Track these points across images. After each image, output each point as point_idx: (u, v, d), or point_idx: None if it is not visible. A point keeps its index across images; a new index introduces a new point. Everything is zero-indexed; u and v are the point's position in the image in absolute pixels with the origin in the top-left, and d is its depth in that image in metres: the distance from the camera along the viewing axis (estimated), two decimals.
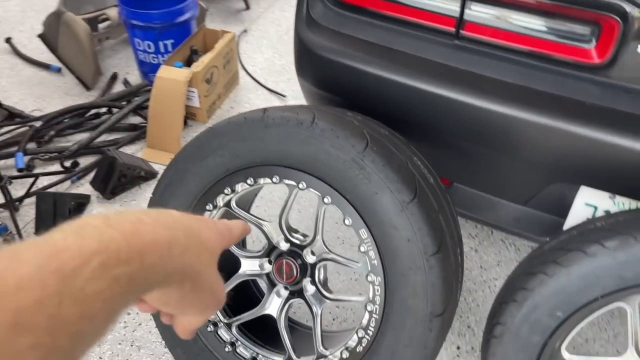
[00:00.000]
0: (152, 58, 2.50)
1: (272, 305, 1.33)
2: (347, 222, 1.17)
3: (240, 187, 1.27)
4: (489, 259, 1.89)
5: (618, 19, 1.10)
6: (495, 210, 1.43)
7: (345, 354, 1.22)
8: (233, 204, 1.30)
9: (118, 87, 2.63)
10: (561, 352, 1.20)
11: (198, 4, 2.55)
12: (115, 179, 2.02)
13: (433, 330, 1.13)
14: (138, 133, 2.32)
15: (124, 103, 2.42)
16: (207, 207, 1.30)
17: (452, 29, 1.26)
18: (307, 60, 1.42)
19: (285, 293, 1.32)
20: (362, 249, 1.17)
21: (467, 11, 1.24)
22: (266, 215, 1.94)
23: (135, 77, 2.69)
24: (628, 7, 1.08)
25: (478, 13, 1.23)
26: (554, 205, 1.33)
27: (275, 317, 1.33)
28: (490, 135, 1.27)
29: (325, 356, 1.26)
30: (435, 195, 1.19)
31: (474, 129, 1.27)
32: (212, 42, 2.51)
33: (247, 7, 3.20)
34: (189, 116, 2.40)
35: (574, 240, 1.14)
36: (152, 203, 1.34)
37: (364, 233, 1.15)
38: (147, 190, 2.11)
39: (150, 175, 2.13)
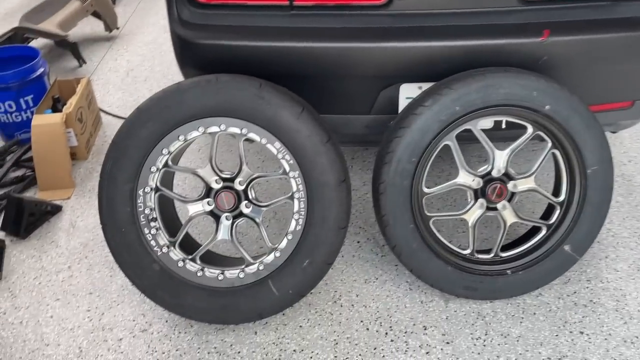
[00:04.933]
0: (15, 116, 2.67)
1: (222, 232, 1.72)
2: (263, 141, 1.63)
3: (174, 147, 1.65)
4: (356, 183, 2.46)
5: None
6: (350, 125, 1.98)
7: (290, 236, 1.67)
8: (170, 162, 1.67)
9: None
10: (422, 188, 1.79)
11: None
12: (26, 218, 2.19)
13: (343, 191, 1.63)
14: (26, 182, 2.48)
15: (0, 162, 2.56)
16: (152, 170, 1.65)
17: (287, 3, 1.81)
18: (187, 51, 1.85)
19: (229, 220, 1.72)
20: (279, 156, 1.63)
21: None
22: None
23: None
24: None
25: None
26: (387, 106, 1.93)
27: (228, 239, 1.72)
28: (332, 66, 1.82)
29: (275, 247, 1.69)
30: (313, 109, 1.70)
31: (320, 64, 1.82)
32: (68, 91, 2.77)
33: (81, 64, 3.46)
34: (70, 155, 2.61)
35: (406, 111, 1.74)
36: (102, 183, 1.65)
37: (277, 144, 1.62)
38: (57, 223, 2.30)
39: (56, 209, 2.33)
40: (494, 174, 1.78)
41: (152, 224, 1.67)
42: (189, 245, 1.76)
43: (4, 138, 2.78)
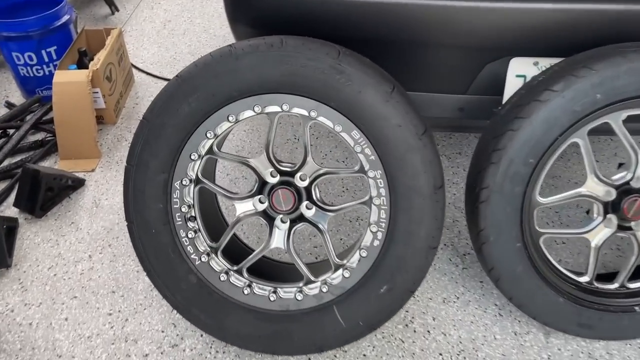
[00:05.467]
0: (37, 70, 2.33)
1: (277, 239, 1.36)
2: (337, 128, 1.24)
3: (221, 129, 1.27)
4: None
5: None
6: (440, 105, 1.58)
7: (364, 253, 1.29)
8: (215, 148, 1.30)
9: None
10: (537, 198, 1.38)
11: (73, 8, 2.42)
12: (42, 193, 1.87)
13: (439, 201, 1.24)
14: (46, 148, 2.15)
15: (18, 122, 2.23)
16: (192, 157, 1.28)
17: None
18: (241, 3, 1.46)
19: (285, 223, 1.35)
20: (357, 149, 1.24)
21: None
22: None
23: (16, 100, 2.47)
24: None
25: None
26: (490, 85, 1.51)
27: (283, 248, 1.35)
28: (426, 29, 1.40)
29: (343, 265, 1.32)
30: (403, 89, 1.30)
31: (412, 27, 1.40)
32: (97, 43, 2.41)
33: (113, 12, 3.09)
34: (97, 119, 2.27)
35: (525, 95, 1.32)
36: (129, 171, 1.29)
37: (356, 134, 1.23)
38: (79, 200, 1.98)
39: (78, 183, 2.00)
40: (634, 184, 1.35)
41: (190, 224, 1.32)
42: (235, 252, 1.41)
43: (25, 94, 2.45)
